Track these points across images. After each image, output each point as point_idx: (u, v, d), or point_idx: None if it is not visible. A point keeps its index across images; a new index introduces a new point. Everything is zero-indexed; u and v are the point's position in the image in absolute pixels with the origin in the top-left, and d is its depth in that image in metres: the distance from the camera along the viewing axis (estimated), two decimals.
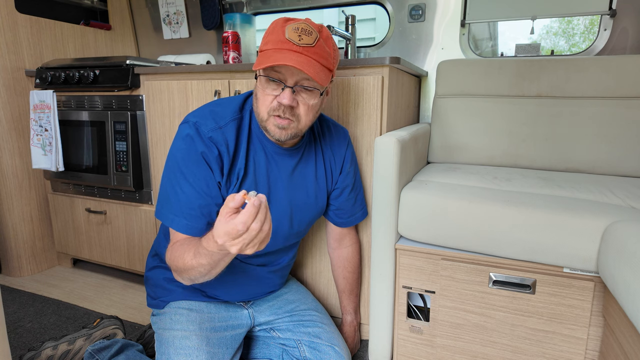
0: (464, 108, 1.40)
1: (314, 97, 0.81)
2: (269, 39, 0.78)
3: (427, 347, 1.05)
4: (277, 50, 0.76)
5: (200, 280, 0.79)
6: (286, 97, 0.77)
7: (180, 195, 0.82)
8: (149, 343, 1.13)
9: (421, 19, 1.58)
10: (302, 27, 0.77)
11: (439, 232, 0.97)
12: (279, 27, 0.78)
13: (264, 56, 0.77)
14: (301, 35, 0.76)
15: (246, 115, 0.88)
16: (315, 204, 0.99)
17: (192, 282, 0.81)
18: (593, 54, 1.39)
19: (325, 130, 1.00)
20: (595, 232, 0.83)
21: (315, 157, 0.97)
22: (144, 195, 1.50)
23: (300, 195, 0.95)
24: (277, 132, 0.82)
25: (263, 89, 0.80)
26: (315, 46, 0.77)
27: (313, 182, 0.97)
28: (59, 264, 1.81)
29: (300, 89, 0.80)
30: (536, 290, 0.91)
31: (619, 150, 1.23)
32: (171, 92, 1.35)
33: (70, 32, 1.81)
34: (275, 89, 0.79)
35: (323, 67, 0.78)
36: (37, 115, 1.55)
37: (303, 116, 0.82)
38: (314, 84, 0.79)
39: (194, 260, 0.74)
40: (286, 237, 0.96)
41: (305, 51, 0.76)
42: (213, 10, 1.90)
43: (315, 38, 0.77)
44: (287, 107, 0.79)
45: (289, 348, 1.00)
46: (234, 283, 0.97)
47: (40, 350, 1.04)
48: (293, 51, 0.75)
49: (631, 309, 0.66)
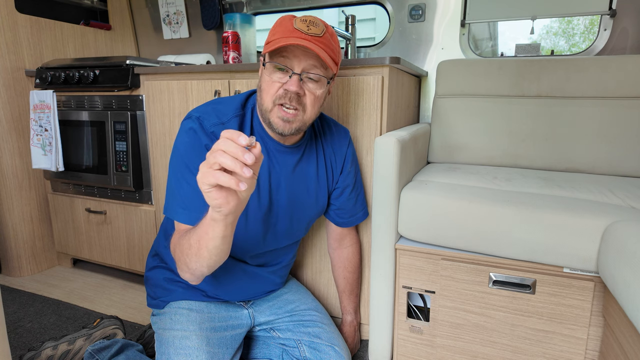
0: (464, 108, 1.40)
1: (320, 87, 0.82)
2: (276, 31, 0.80)
3: (427, 347, 1.05)
4: (286, 37, 0.77)
5: (194, 266, 0.73)
6: (294, 83, 0.78)
7: (186, 188, 0.82)
8: (149, 343, 1.13)
9: (421, 19, 1.58)
10: (310, 19, 0.79)
11: (439, 232, 0.97)
12: (287, 20, 0.80)
13: (272, 43, 0.78)
14: (309, 26, 0.78)
15: (248, 113, 0.89)
16: (315, 203, 0.99)
17: (191, 271, 0.75)
18: (593, 54, 1.39)
19: (326, 129, 1.00)
20: (595, 232, 0.83)
21: (316, 155, 0.97)
22: (144, 195, 1.50)
23: (301, 193, 0.95)
24: (281, 125, 0.81)
25: (269, 77, 0.80)
26: (323, 37, 0.78)
27: (314, 181, 0.97)
28: (59, 264, 1.81)
29: (307, 79, 0.80)
30: (536, 290, 0.91)
31: (619, 150, 1.23)
32: (171, 92, 1.35)
33: (70, 32, 1.81)
34: (282, 77, 0.79)
35: (330, 57, 0.80)
36: (37, 115, 1.55)
37: (309, 106, 0.82)
38: (321, 72, 0.80)
39: (191, 239, 0.71)
40: (286, 235, 0.96)
41: (313, 40, 0.77)
42: (213, 10, 1.90)
43: (323, 30, 0.79)
44: (294, 95, 0.79)
45: (289, 348, 1.00)
46: (234, 283, 0.97)
47: (40, 350, 1.03)
48: (302, 38, 0.76)
49: (631, 309, 0.66)
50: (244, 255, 0.94)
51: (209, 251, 0.68)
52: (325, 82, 0.83)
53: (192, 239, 0.71)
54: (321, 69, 0.81)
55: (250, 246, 0.92)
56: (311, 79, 0.80)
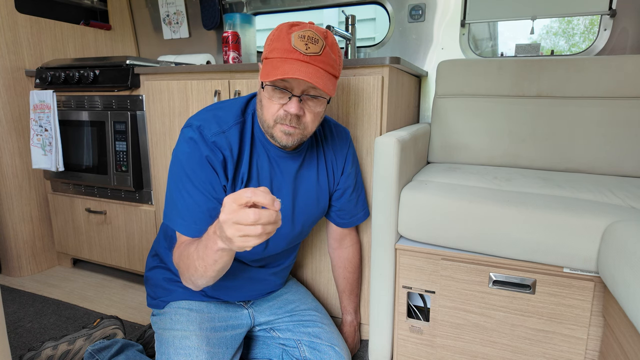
0: (464, 108, 1.40)
1: (320, 105, 0.81)
2: (275, 47, 0.77)
3: (427, 347, 1.04)
4: (284, 60, 0.74)
5: (200, 282, 0.78)
6: (293, 106, 0.77)
7: (187, 199, 0.82)
8: (149, 343, 1.13)
9: (421, 19, 1.58)
10: (309, 35, 0.75)
11: (439, 232, 0.97)
12: (284, 33, 0.76)
13: (270, 65, 0.75)
14: (308, 44, 0.75)
15: (248, 119, 0.88)
16: (317, 206, 0.99)
17: (196, 285, 0.79)
18: (593, 54, 1.39)
19: (327, 131, 1.00)
20: (595, 232, 0.82)
21: (317, 159, 0.97)
22: (144, 195, 1.50)
23: (302, 197, 0.95)
24: (284, 139, 0.81)
25: (269, 97, 0.79)
26: (322, 54, 0.76)
27: (315, 184, 0.97)
28: (59, 264, 1.81)
29: (307, 98, 0.79)
30: (536, 290, 0.91)
31: (619, 150, 1.23)
32: (171, 92, 1.35)
33: (70, 32, 1.81)
34: (282, 97, 0.78)
35: (330, 75, 0.78)
36: (37, 115, 1.55)
37: (309, 124, 0.82)
38: (320, 92, 0.79)
39: (195, 254, 0.74)
40: (288, 239, 0.96)
41: (312, 60, 0.75)
42: (213, 10, 1.90)
43: (322, 46, 0.76)
44: (294, 117, 0.78)
45: (288, 348, 1.00)
46: (234, 283, 0.97)
47: (40, 350, 1.03)
48: (300, 61, 0.74)
49: (631, 309, 0.66)
50: (245, 258, 0.94)
51: (216, 272, 0.74)
52: (325, 100, 0.82)
53: (197, 262, 0.73)
54: (319, 89, 0.78)
55: (252, 252, 0.92)
56: (312, 97, 0.79)
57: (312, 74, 0.73)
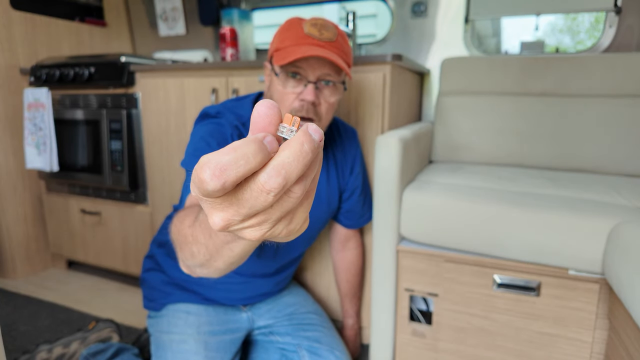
0: (467, 106, 1.38)
1: (335, 93, 0.79)
2: (286, 36, 0.75)
3: (430, 352, 1.03)
4: (299, 45, 0.73)
5: (198, 271, 0.55)
6: (310, 92, 0.75)
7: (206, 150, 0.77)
8: (145, 347, 1.11)
9: (424, 15, 1.56)
10: (321, 23, 0.75)
11: (441, 234, 0.95)
12: (295, 24, 0.75)
13: (285, 52, 0.73)
14: (321, 30, 0.74)
15: None
16: (327, 207, 0.97)
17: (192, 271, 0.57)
18: (598, 52, 1.37)
19: (335, 131, 0.98)
20: (601, 233, 0.81)
21: (326, 159, 0.95)
22: (139, 195, 1.48)
23: (314, 202, 0.93)
24: None
25: (283, 87, 0.76)
26: (336, 41, 0.75)
27: (325, 185, 0.95)
28: (54, 266, 1.79)
29: (323, 85, 0.77)
30: (541, 293, 0.89)
31: (625, 149, 1.21)
32: (167, 90, 1.32)
33: (65, 29, 1.78)
34: (296, 85, 0.76)
35: (345, 62, 0.76)
36: (31, 114, 1.53)
37: (324, 115, 0.79)
38: (335, 78, 0.77)
39: (190, 229, 0.50)
40: (299, 242, 0.94)
41: (328, 46, 0.73)
42: (210, 6, 1.87)
43: (335, 33, 0.75)
44: (311, 106, 0.76)
45: (288, 352, 0.99)
46: (233, 286, 0.95)
47: (35, 353, 1.02)
48: (317, 45, 0.73)
49: (637, 311, 0.65)
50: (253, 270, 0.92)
51: (227, 265, 0.48)
52: (342, 88, 0.80)
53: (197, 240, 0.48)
54: (335, 75, 0.77)
55: (261, 264, 0.90)
56: (327, 84, 0.77)
57: (331, 55, 0.71)
